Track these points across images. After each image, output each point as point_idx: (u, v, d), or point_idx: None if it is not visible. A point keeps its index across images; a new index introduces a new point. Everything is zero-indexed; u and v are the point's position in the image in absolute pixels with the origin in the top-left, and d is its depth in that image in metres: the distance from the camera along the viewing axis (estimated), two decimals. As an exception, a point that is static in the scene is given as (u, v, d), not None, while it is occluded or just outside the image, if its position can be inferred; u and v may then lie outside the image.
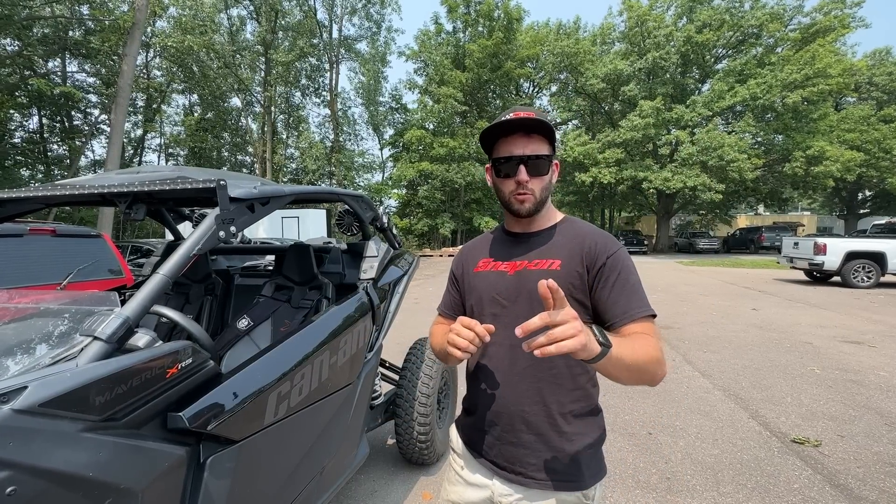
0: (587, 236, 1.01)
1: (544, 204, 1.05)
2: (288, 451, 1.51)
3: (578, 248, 1.00)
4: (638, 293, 0.96)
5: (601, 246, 0.98)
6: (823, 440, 2.92)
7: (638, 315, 0.93)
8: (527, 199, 1.01)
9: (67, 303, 1.33)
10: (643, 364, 0.84)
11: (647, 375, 0.86)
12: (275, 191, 1.57)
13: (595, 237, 1.01)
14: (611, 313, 0.95)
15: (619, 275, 0.96)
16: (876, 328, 6.17)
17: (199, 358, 1.17)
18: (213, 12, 23.42)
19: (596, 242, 0.99)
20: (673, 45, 23.56)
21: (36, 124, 20.73)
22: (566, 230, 1.06)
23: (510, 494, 1.00)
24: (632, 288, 0.95)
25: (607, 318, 0.96)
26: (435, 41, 29.51)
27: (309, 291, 2.26)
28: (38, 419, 0.82)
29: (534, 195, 1.01)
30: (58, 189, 1.54)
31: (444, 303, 1.23)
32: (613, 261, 0.97)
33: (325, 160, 28.37)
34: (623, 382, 0.87)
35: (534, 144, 0.99)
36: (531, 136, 0.99)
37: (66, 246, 3.90)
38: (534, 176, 1.00)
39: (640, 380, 0.87)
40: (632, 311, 0.93)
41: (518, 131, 0.99)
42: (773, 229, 26.89)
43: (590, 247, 0.99)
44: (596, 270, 0.97)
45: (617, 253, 0.98)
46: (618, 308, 0.94)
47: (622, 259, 0.98)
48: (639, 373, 0.84)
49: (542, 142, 1.00)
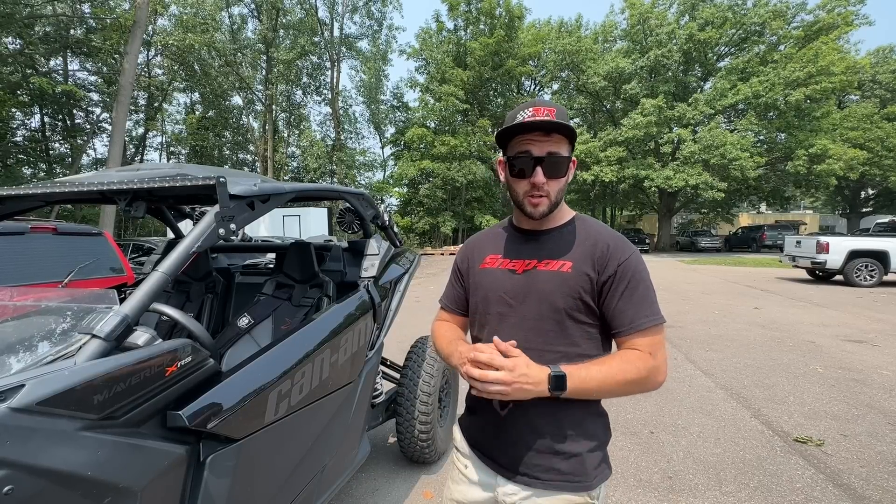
0: (600, 239, 0.98)
1: (558, 205, 1.01)
2: (288, 449, 1.51)
3: (590, 250, 0.97)
4: (646, 301, 0.94)
5: (613, 251, 0.95)
6: (826, 439, 2.91)
7: (644, 325, 0.92)
8: (541, 202, 0.97)
9: (66, 301, 1.33)
10: (618, 388, 0.90)
11: (630, 392, 0.92)
12: (275, 188, 1.56)
13: (608, 241, 0.97)
14: (616, 322, 0.94)
15: (629, 283, 0.94)
16: (879, 327, 6.15)
17: (198, 356, 1.16)
18: (215, 10, 23.36)
19: (608, 246, 0.96)
20: (675, 42, 23.46)
21: (38, 123, 20.82)
22: (579, 230, 1.02)
23: (515, 494, 0.99)
24: (640, 297, 0.94)
25: (613, 327, 0.96)
26: (436, 39, 29.47)
27: (310, 290, 2.25)
28: (36, 417, 0.82)
29: (549, 198, 0.97)
30: (58, 186, 1.53)
31: (446, 296, 1.21)
32: (624, 268, 0.94)
33: (326, 158, 28.35)
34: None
35: (552, 143, 0.94)
36: (550, 135, 0.94)
37: (68, 244, 3.91)
38: (551, 178, 0.95)
39: (625, 394, 0.93)
40: (638, 321, 0.92)
41: (537, 129, 0.94)
42: (775, 228, 26.82)
43: (602, 251, 0.96)
44: (606, 277, 0.94)
45: (628, 259, 0.95)
46: (624, 318, 0.93)
47: (633, 265, 0.95)
48: (614, 394, 0.91)
49: (562, 140, 0.95)
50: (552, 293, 0.96)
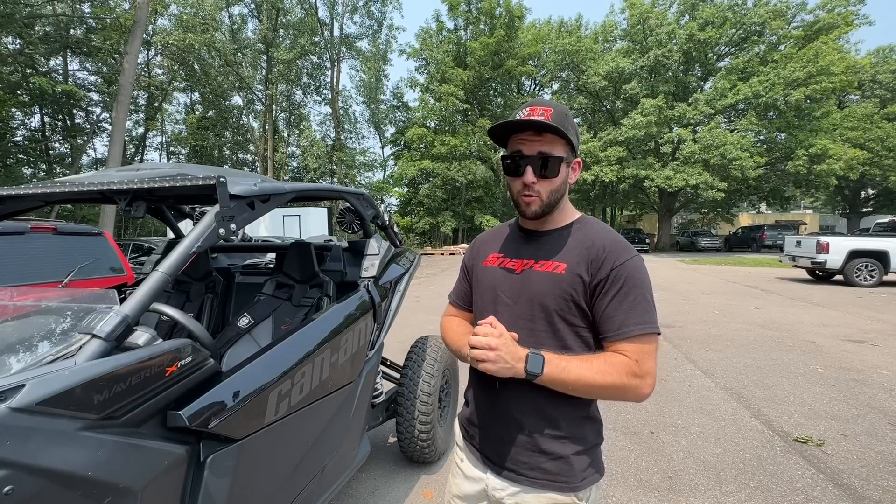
0: (597, 242, 0.96)
1: (554, 206, 1.00)
2: (289, 449, 1.51)
3: (586, 253, 0.95)
4: (638, 308, 0.90)
5: (609, 254, 0.93)
6: (826, 439, 2.91)
7: (632, 333, 0.89)
8: (532, 201, 0.97)
9: (66, 300, 1.32)
10: (596, 389, 0.88)
11: (609, 396, 0.90)
12: (275, 188, 1.56)
13: (605, 244, 0.95)
14: (605, 327, 0.92)
15: (621, 288, 0.91)
16: (879, 327, 6.15)
17: (199, 356, 1.16)
18: (215, 10, 23.32)
19: (604, 250, 0.94)
20: (675, 42, 23.46)
21: (38, 122, 20.80)
22: (579, 232, 1.01)
23: (503, 489, 1.00)
24: (632, 303, 0.90)
25: (601, 332, 0.93)
26: (436, 39, 29.45)
27: (310, 289, 2.25)
28: (36, 417, 0.82)
29: (540, 198, 0.96)
30: (58, 186, 1.53)
31: (455, 292, 1.23)
32: (618, 273, 0.91)
33: (326, 158, 28.34)
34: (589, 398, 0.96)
35: (544, 143, 0.94)
36: (542, 135, 0.94)
37: (68, 244, 3.90)
38: (541, 178, 0.95)
39: (604, 397, 0.91)
40: (626, 328, 0.89)
41: (529, 128, 0.94)
42: (775, 228, 26.82)
43: (597, 254, 0.94)
44: (598, 280, 0.92)
45: (624, 264, 0.92)
46: (613, 323, 0.91)
47: (629, 270, 0.92)
48: (591, 394, 0.91)
49: (555, 141, 0.94)
50: (544, 294, 0.96)
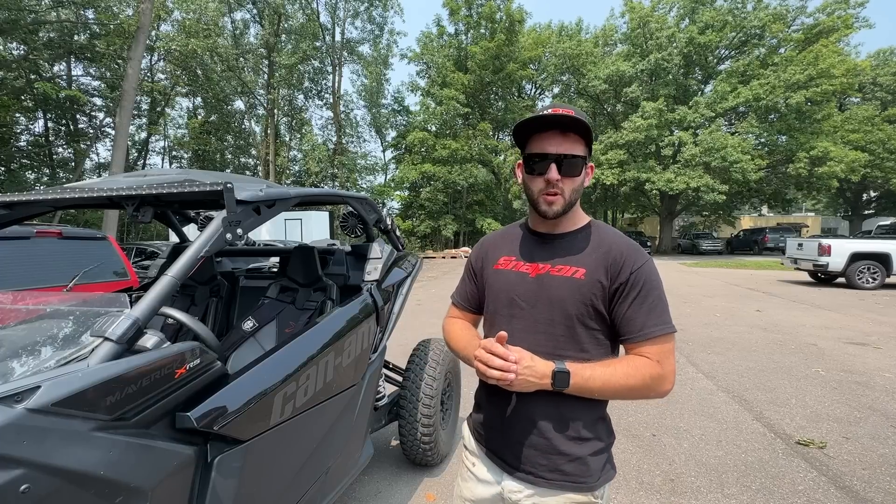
0: (614, 247, 0.99)
1: (573, 206, 1.02)
2: (293, 451, 1.52)
3: (604, 258, 0.97)
4: (657, 310, 0.94)
5: (627, 259, 0.96)
6: (828, 442, 2.91)
7: (654, 334, 0.93)
8: (556, 200, 0.98)
9: (78, 304, 1.35)
10: (621, 392, 0.92)
11: (633, 397, 0.95)
12: (281, 193, 1.58)
13: (622, 248, 0.98)
14: (626, 329, 0.95)
15: (641, 291, 0.94)
16: (881, 329, 6.14)
17: (206, 359, 1.18)
18: (217, 16, 23.50)
19: (622, 254, 0.97)
20: (675, 46, 23.49)
21: (41, 128, 20.92)
22: (593, 236, 1.02)
23: (520, 491, 1.00)
24: (651, 305, 0.94)
25: (623, 334, 0.96)
26: (437, 43, 29.63)
27: (313, 293, 2.27)
28: (51, 418, 0.84)
29: (563, 196, 0.98)
30: (66, 192, 1.56)
31: (458, 293, 1.22)
32: (637, 276, 0.95)
33: (327, 162, 28.42)
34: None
35: (569, 143, 0.96)
36: (567, 135, 0.96)
37: (72, 248, 3.93)
38: (566, 176, 0.97)
39: (628, 398, 0.96)
40: (647, 329, 0.93)
41: (554, 128, 0.96)
42: (776, 230, 26.73)
43: (615, 258, 0.97)
44: (618, 284, 0.95)
45: (641, 268, 0.96)
46: (634, 325, 0.94)
47: (646, 273, 0.96)
48: (617, 397, 0.94)
49: (578, 141, 0.97)
50: (564, 300, 0.97)
